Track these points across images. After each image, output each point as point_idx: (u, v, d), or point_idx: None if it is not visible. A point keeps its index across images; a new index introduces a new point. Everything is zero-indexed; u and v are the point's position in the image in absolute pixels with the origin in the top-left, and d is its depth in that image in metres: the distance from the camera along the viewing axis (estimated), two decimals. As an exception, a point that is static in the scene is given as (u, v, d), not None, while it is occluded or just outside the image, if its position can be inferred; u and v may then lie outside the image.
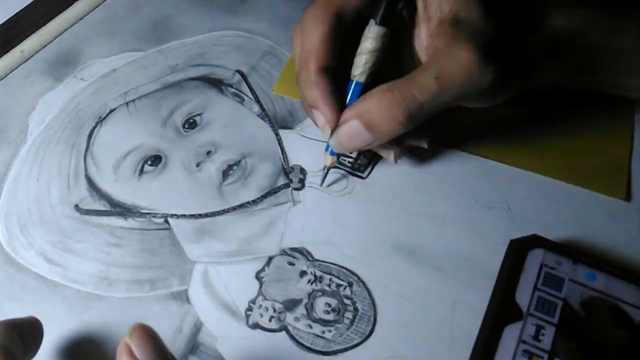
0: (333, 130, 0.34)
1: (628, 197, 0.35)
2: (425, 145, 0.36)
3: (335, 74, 0.34)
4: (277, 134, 0.40)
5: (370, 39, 0.33)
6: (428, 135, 0.36)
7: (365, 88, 0.33)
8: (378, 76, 0.33)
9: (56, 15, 0.48)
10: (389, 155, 0.36)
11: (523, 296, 0.30)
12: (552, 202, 0.37)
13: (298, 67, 0.35)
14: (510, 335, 0.29)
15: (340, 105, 0.34)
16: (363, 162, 0.39)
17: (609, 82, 0.36)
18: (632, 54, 0.35)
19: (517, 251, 0.32)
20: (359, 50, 0.33)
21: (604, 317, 0.30)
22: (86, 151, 0.40)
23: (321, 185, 0.38)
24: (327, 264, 0.34)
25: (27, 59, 0.45)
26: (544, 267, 0.31)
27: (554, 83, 0.36)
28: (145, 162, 0.39)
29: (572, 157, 0.38)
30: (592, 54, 0.35)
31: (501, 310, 0.30)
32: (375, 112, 0.31)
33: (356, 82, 0.34)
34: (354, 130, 0.32)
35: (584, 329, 0.29)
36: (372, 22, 0.33)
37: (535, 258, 0.32)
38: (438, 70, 0.30)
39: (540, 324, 0.29)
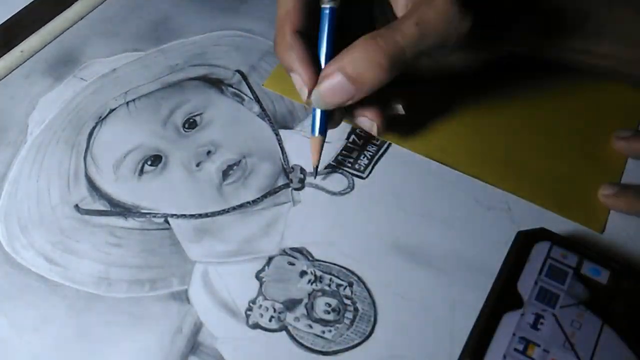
0: (310, 91, 0.34)
1: (603, 230, 0.35)
2: (402, 111, 0.36)
3: (311, 39, 0.34)
4: (277, 134, 0.40)
5: None
6: (399, 102, 0.36)
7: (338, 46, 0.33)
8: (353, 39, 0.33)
9: (56, 15, 0.48)
10: (372, 126, 0.36)
11: (525, 286, 0.31)
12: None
13: (275, 32, 0.35)
14: (508, 322, 0.30)
15: (317, 67, 0.34)
16: (363, 162, 0.39)
17: (577, 48, 0.37)
18: (600, 20, 0.36)
19: (524, 242, 0.33)
20: None
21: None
22: (86, 151, 0.40)
23: (314, 176, 0.38)
24: (327, 264, 0.34)
25: (27, 59, 0.45)
26: (549, 259, 0.32)
27: (528, 44, 0.38)
28: (146, 162, 0.39)
29: (557, 183, 0.37)
30: (564, 15, 0.36)
31: (501, 297, 0.31)
32: (358, 60, 0.31)
33: (329, 8, 0.34)
34: (336, 83, 0.32)
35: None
36: None
37: (541, 250, 0.32)
38: (418, 17, 0.31)
39: (540, 314, 0.30)
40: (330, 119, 0.36)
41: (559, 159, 0.38)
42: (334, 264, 0.34)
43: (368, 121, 0.36)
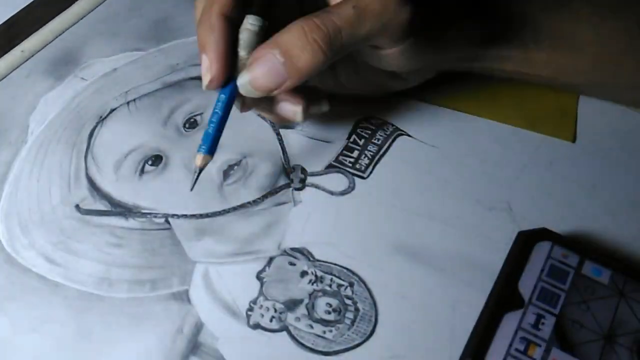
0: (213, 83, 0.31)
1: (574, 139, 0.39)
2: (326, 108, 0.35)
3: (234, 27, 0.32)
4: (278, 134, 0.40)
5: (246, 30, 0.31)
6: (325, 98, 0.35)
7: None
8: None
9: (57, 15, 0.48)
10: (295, 113, 0.34)
11: (526, 286, 0.31)
12: (554, 202, 0.37)
13: (202, 10, 0.32)
14: (509, 322, 0.30)
15: (228, 58, 0.31)
16: (364, 162, 0.38)
17: (516, 56, 0.37)
18: (538, 27, 0.37)
19: (525, 242, 0.32)
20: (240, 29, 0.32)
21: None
22: (87, 151, 0.40)
23: (191, 190, 0.33)
24: (328, 264, 0.34)
25: (28, 59, 0.45)
26: (550, 259, 0.32)
27: (465, 55, 0.37)
28: (146, 161, 0.39)
29: (523, 103, 0.41)
30: (503, 20, 0.37)
31: (502, 297, 0.31)
32: (294, 41, 0.30)
33: (246, 35, 0.32)
34: (270, 66, 0.30)
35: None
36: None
37: (542, 250, 0.32)
38: (355, 0, 0.30)
39: (541, 314, 0.30)
40: (242, 102, 0.34)
41: (526, 91, 0.42)
42: (335, 264, 0.34)
43: (291, 107, 0.34)
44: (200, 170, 0.32)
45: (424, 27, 0.33)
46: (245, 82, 0.31)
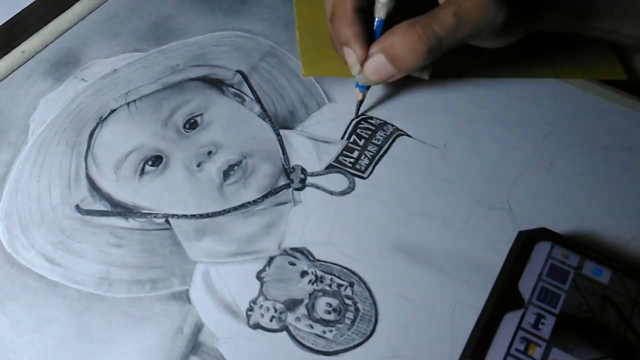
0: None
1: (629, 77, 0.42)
2: (427, 77, 0.40)
3: (367, 16, 0.37)
4: (278, 134, 0.40)
5: None
6: (429, 70, 0.39)
7: (387, 26, 0.36)
8: (402, 18, 0.35)
9: (57, 16, 0.48)
10: (424, 74, 0.39)
11: (526, 286, 0.31)
12: (554, 202, 0.37)
13: (332, 7, 0.37)
14: (509, 322, 0.30)
15: (370, 44, 0.36)
16: (364, 162, 0.39)
17: (603, 28, 0.39)
18: (626, 2, 0.38)
19: (525, 242, 0.32)
20: None
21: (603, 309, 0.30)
22: (87, 151, 0.40)
23: (355, 117, 0.41)
24: (328, 264, 0.34)
25: (28, 60, 0.45)
26: (550, 259, 0.32)
27: (557, 27, 0.39)
28: (146, 162, 0.39)
29: (567, 55, 0.43)
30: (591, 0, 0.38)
31: (503, 297, 0.31)
32: (398, 45, 0.35)
33: (378, 20, 0.36)
34: (379, 64, 0.35)
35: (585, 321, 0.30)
36: None
37: (542, 250, 0.32)
38: (457, 7, 0.33)
39: (541, 313, 0.30)
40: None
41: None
42: (335, 264, 0.34)
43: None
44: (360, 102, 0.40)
45: (519, 17, 0.35)
46: (362, 77, 0.37)
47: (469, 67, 0.43)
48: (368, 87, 0.39)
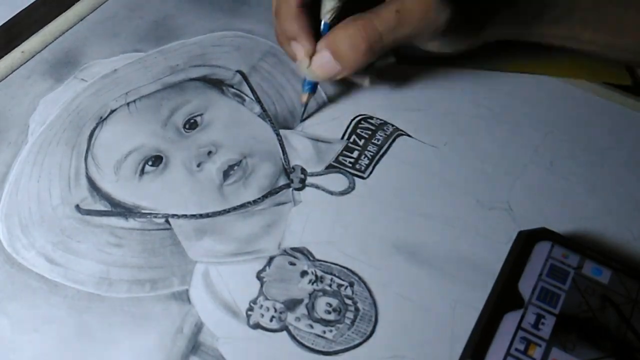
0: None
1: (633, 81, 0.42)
2: (367, 85, 0.41)
3: (311, 10, 0.37)
4: (277, 134, 0.40)
5: None
6: (367, 76, 0.40)
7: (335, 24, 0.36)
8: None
9: (57, 16, 0.48)
10: (364, 81, 0.40)
11: (526, 286, 0.31)
12: (554, 202, 0.37)
13: (277, 2, 0.37)
14: (509, 322, 0.30)
15: (316, 39, 0.37)
16: (364, 162, 0.39)
17: (561, 35, 0.39)
18: (584, 9, 0.38)
19: (525, 242, 0.32)
20: None
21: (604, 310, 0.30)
22: (87, 152, 0.40)
23: (301, 121, 0.41)
24: (328, 264, 0.34)
25: (28, 60, 0.45)
26: (550, 259, 0.32)
27: (510, 34, 0.39)
28: (146, 162, 0.39)
29: (572, 57, 0.42)
30: (548, 4, 0.38)
31: (503, 297, 0.31)
32: (340, 41, 0.35)
33: (324, 23, 0.37)
34: (324, 60, 0.36)
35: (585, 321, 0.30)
36: None
37: (542, 250, 0.32)
38: (399, 5, 0.34)
39: (541, 313, 0.30)
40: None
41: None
42: (335, 264, 0.34)
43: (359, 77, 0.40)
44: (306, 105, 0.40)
45: (464, 20, 0.35)
46: (309, 72, 0.37)
47: (472, 61, 0.43)
48: (314, 90, 0.40)
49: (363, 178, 0.38)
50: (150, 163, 0.39)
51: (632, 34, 0.38)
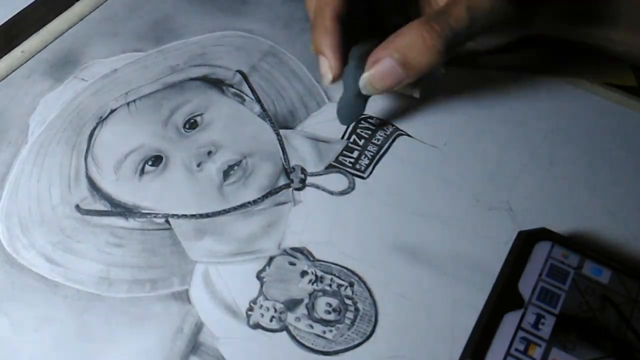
0: (335, 78, 0.35)
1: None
2: (417, 95, 0.39)
3: (346, 24, 0.35)
4: (277, 134, 0.40)
5: None
6: (419, 87, 0.39)
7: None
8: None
9: (57, 16, 0.48)
10: (415, 92, 0.38)
11: (526, 286, 0.31)
12: (554, 202, 0.37)
13: (314, 13, 0.36)
14: (509, 322, 0.30)
15: (344, 54, 0.35)
16: (364, 162, 0.39)
17: (594, 34, 0.39)
18: (617, 8, 0.38)
19: (525, 242, 0.32)
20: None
21: (604, 310, 0.30)
22: (87, 151, 0.40)
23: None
24: (328, 264, 0.34)
25: (28, 59, 0.45)
26: (550, 259, 0.32)
27: (552, 29, 0.40)
28: (146, 162, 0.39)
29: (578, 58, 0.43)
30: (584, 2, 0.38)
31: (502, 297, 0.31)
32: (411, 45, 0.33)
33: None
34: (387, 68, 0.33)
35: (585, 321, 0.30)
36: None
37: (542, 250, 0.32)
38: (468, 1, 0.33)
39: (541, 314, 0.30)
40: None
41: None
42: (335, 264, 0.34)
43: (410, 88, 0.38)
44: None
45: (521, 14, 0.35)
46: (365, 83, 0.35)
47: (476, 62, 0.44)
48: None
49: (363, 178, 0.38)
50: (150, 163, 0.39)
51: None
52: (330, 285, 0.33)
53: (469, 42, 0.34)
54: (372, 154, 0.39)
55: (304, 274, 0.34)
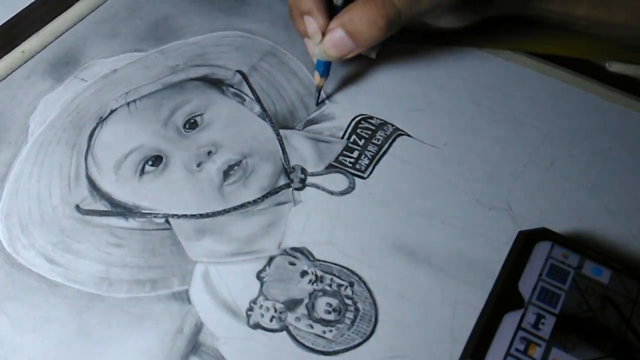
0: (323, 35, 0.37)
1: None
2: (374, 56, 0.42)
3: None
4: (277, 134, 0.40)
5: None
6: (377, 47, 0.42)
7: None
8: None
9: (57, 16, 0.48)
10: (371, 53, 0.42)
11: (526, 285, 0.31)
12: (554, 202, 0.37)
13: None
14: (509, 322, 0.30)
15: (330, 14, 0.38)
16: (364, 162, 0.39)
17: (555, 10, 0.40)
18: None
19: (525, 242, 0.32)
20: None
21: (604, 309, 0.30)
22: (87, 151, 0.40)
23: (316, 104, 0.41)
24: (328, 264, 0.34)
25: (28, 60, 0.45)
26: (550, 259, 0.32)
27: (512, 9, 0.41)
28: (146, 162, 0.39)
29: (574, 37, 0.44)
30: None
31: (503, 297, 0.31)
32: (357, 19, 0.36)
33: (337, 6, 0.38)
34: (338, 38, 0.36)
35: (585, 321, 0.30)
36: None
37: (542, 250, 0.32)
38: None
39: (541, 313, 0.30)
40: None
41: None
42: (335, 264, 0.34)
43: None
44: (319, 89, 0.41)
45: None
46: (320, 51, 0.38)
47: (471, 40, 0.44)
48: (327, 73, 0.40)
49: (363, 178, 0.38)
50: (150, 163, 0.39)
51: (624, 9, 0.39)
52: (330, 285, 0.33)
53: (419, 19, 0.37)
54: (372, 153, 0.39)
55: (304, 274, 0.34)
